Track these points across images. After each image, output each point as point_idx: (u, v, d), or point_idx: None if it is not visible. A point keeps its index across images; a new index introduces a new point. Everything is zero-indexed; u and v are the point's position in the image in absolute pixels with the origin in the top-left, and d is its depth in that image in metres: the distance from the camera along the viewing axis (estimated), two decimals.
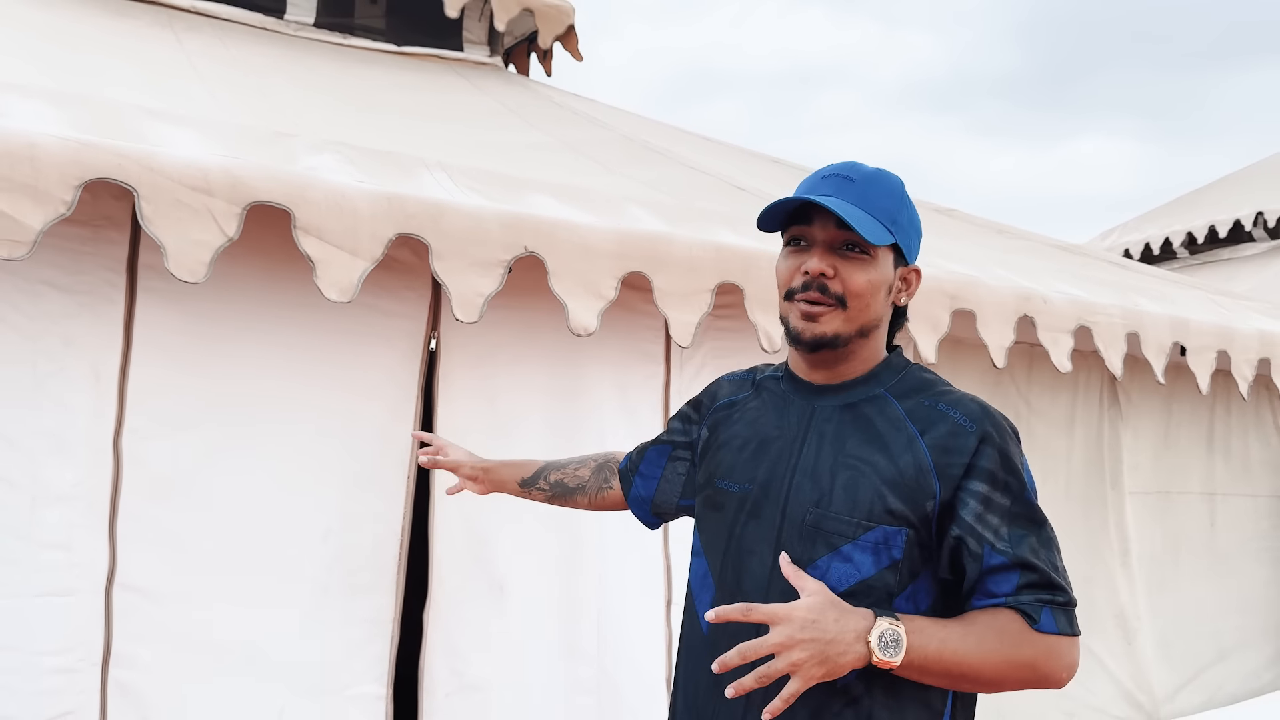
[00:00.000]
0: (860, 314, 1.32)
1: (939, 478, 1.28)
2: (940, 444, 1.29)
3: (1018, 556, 1.25)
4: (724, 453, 1.46)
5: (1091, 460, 3.96)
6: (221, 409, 2.30)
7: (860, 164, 1.36)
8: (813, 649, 1.16)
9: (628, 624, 2.74)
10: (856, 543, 1.28)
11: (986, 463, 1.27)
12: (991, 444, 1.28)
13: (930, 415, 1.31)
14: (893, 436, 1.31)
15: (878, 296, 1.34)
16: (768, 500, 1.36)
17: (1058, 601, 1.25)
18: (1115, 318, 3.52)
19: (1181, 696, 4.14)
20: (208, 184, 1.99)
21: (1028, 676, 1.25)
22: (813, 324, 1.32)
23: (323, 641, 2.39)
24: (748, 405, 1.48)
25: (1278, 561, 4.60)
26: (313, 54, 4.62)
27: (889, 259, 1.35)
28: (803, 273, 1.32)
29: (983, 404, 1.33)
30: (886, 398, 1.35)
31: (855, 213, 1.29)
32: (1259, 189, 9.66)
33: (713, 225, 2.84)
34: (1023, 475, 1.30)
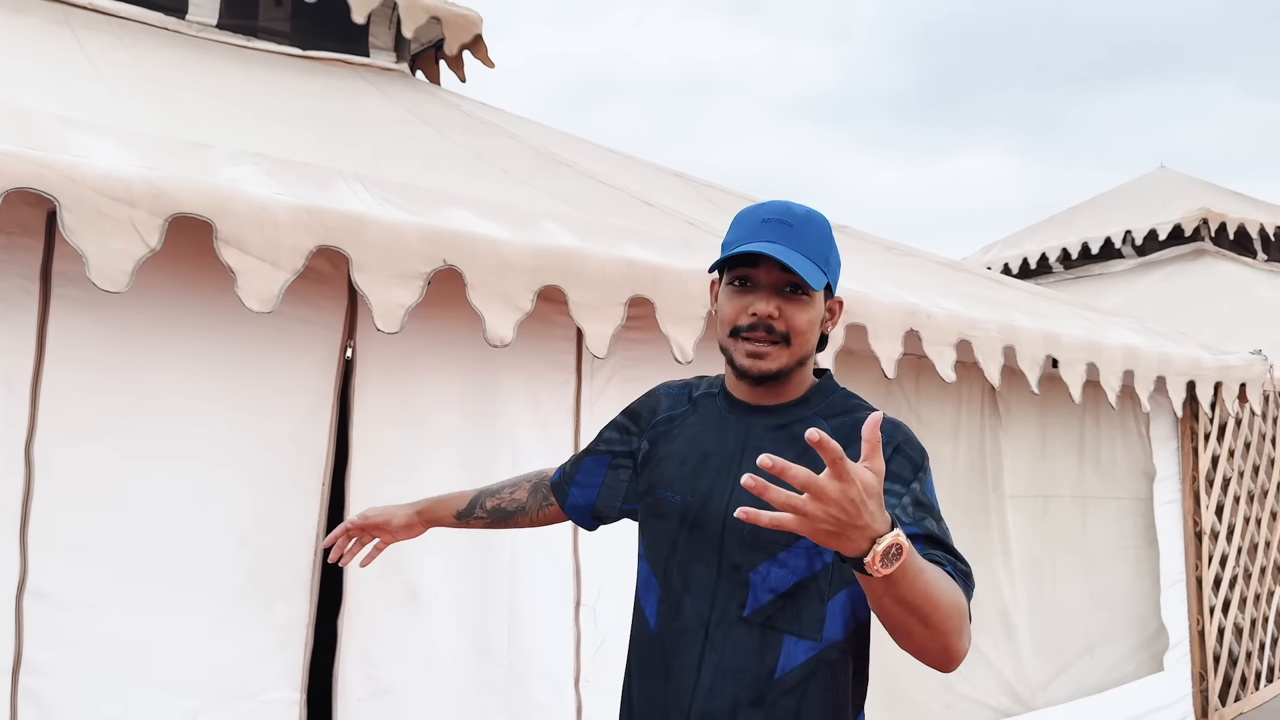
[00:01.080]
0: (801, 348, 1.47)
1: None
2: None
3: (925, 529, 1.39)
4: (665, 465, 1.59)
5: (975, 466, 4.21)
6: (137, 416, 2.31)
7: (792, 206, 1.49)
8: (842, 519, 1.10)
9: (538, 624, 2.83)
10: (791, 549, 1.43)
11: (896, 468, 1.43)
12: (901, 454, 1.45)
13: (852, 433, 1.44)
14: None
15: (814, 331, 1.49)
16: (708, 512, 1.50)
17: (960, 569, 1.36)
18: (993, 332, 3.76)
19: (1054, 686, 4.43)
20: (130, 195, 2.01)
21: (955, 624, 1.27)
22: (760, 361, 1.45)
23: (236, 647, 2.41)
24: (686, 421, 1.61)
25: (1139, 560, 4.95)
26: (216, 56, 4.57)
27: (821, 295, 1.50)
28: (750, 314, 1.45)
29: (897, 422, 1.49)
30: (817, 419, 1.50)
31: (799, 260, 1.42)
32: (1128, 208, 10.28)
33: (623, 241, 2.95)
34: (926, 481, 1.46)
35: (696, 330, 2.85)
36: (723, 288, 1.52)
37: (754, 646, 1.44)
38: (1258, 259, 9.63)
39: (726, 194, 5.08)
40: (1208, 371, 4.84)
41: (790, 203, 1.50)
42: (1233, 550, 5.45)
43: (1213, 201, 9.62)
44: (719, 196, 4.92)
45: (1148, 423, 5.00)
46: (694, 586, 1.49)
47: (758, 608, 1.44)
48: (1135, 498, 4.97)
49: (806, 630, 1.43)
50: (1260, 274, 9.26)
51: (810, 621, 1.43)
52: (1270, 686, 5.75)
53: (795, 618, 1.43)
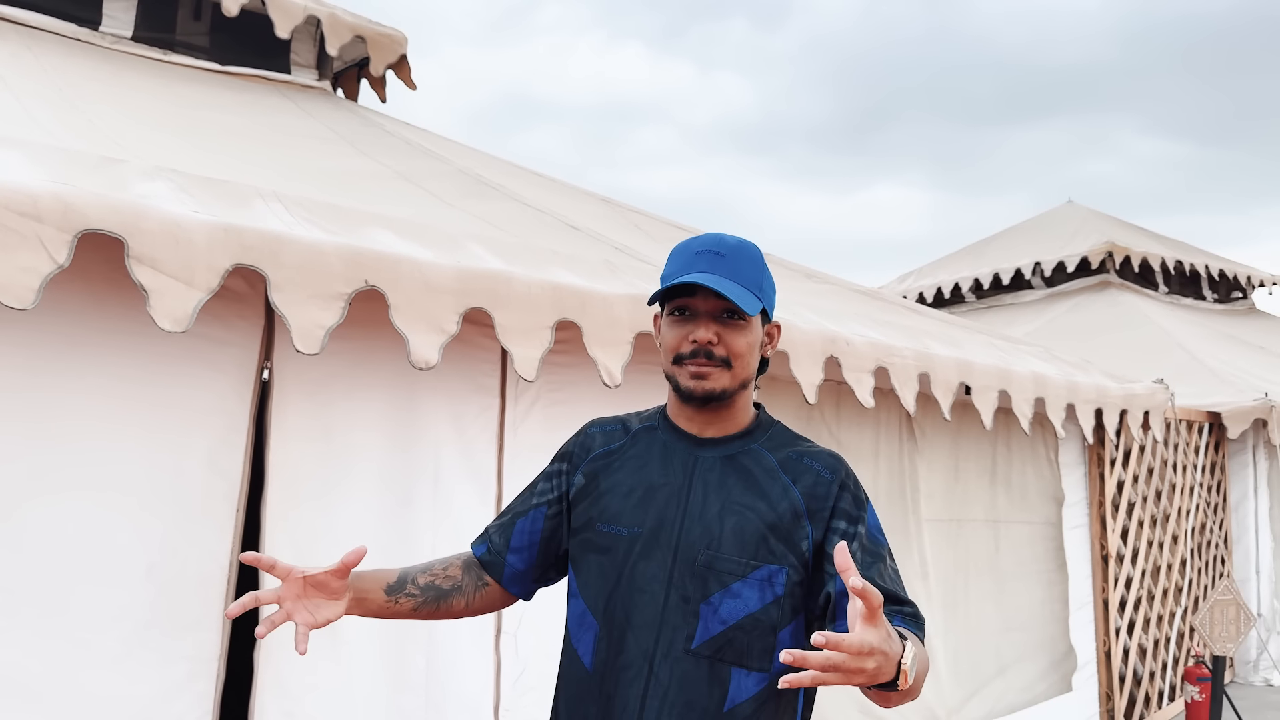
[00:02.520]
0: (742, 371, 1.50)
1: (811, 521, 1.48)
2: (809, 492, 1.50)
3: (870, 579, 1.42)
4: (607, 499, 1.57)
5: (894, 489, 4.28)
6: (39, 439, 2.21)
7: (724, 237, 1.53)
8: (880, 662, 1.14)
9: (460, 655, 2.78)
10: (745, 580, 1.45)
11: (844, 505, 1.49)
12: (847, 490, 1.51)
13: (798, 467, 1.52)
14: (769, 485, 1.51)
15: (754, 354, 1.53)
16: (658, 543, 1.50)
17: (906, 613, 1.41)
18: (909, 359, 3.84)
19: (968, 708, 4.51)
20: (37, 210, 1.94)
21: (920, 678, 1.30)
22: (703, 382, 1.48)
23: (142, 680, 2.32)
24: (626, 454, 1.60)
25: (1050, 583, 5.08)
26: (130, 69, 4.45)
27: (759, 320, 1.53)
28: (690, 341, 1.48)
29: (836, 455, 1.55)
30: (761, 451, 1.54)
31: (733, 288, 1.46)
32: (1038, 241, 10.63)
33: (549, 264, 2.95)
34: (867, 513, 1.51)
35: (624, 355, 2.85)
36: (664, 319, 1.55)
37: (701, 679, 1.44)
38: (1159, 291, 10.04)
39: (652, 219, 5.12)
40: (1114, 399, 5.02)
41: (723, 234, 1.54)
42: (1137, 573, 5.64)
43: (1118, 236, 10.01)
44: (644, 222, 4.95)
45: (1057, 449, 5.15)
46: (637, 620, 1.48)
47: (706, 639, 1.45)
48: (1045, 522, 5.11)
49: (756, 662, 1.45)
50: (1162, 306, 9.65)
51: (760, 653, 1.45)
52: (1171, 705, 5.95)
53: (745, 650, 1.45)
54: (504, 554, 1.66)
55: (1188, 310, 10.01)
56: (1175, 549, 6.16)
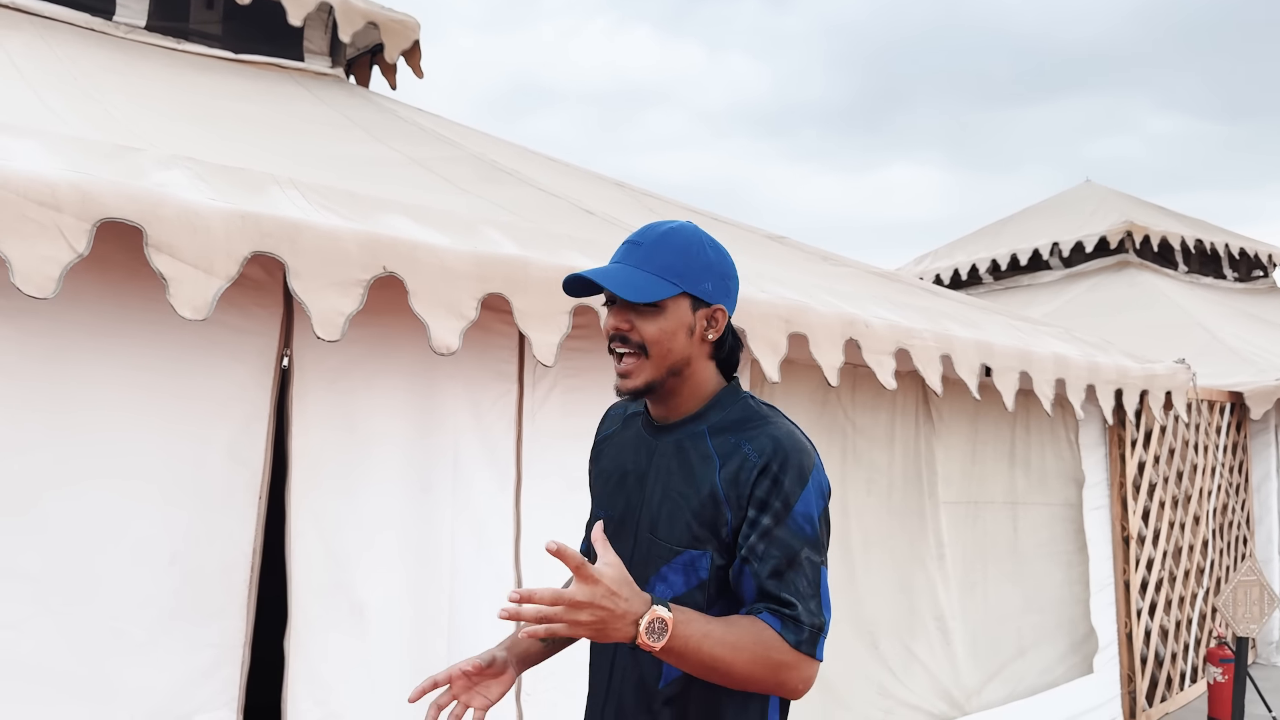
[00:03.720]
0: (663, 358, 1.50)
1: (730, 507, 1.46)
2: (730, 477, 1.47)
3: (759, 575, 1.42)
4: (596, 483, 1.69)
5: (910, 473, 4.26)
6: (61, 429, 2.22)
7: (656, 226, 1.55)
8: (600, 616, 1.28)
9: (480, 639, 2.78)
10: (671, 564, 1.49)
11: (760, 492, 1.44)
12: (768, 475, 1.44)
13: (730, 451, 1.49)
14: (701, 471, 1.50)
15: (675, 340, 1.50)
16: (624, 527, 1.57)
17: (783, 615, 1.39)
18: (929, 341, 3.82)
19: (988, 690, 4.50)
20: (56, 200, 1.94)
21: (770, 680, 1.39)
22: (625, 380, 1.52)
23: (168, 668, 2.33)
24: (615, 439, 1.69)
25: (1070, 564, 5.06)
26: (144, 58, 4.45)
27: (682, 305, 1.51)
28: (608, 329, 1.53)
29: (778, 438, 1.47)
30: (704, 435, 1.53)
31: (630, 278, 1.48)
32: (1055, 221, 10.54)
33: (565, 249, 2.94)
34: (793, 504, 1.43)
35: None
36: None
37: (648, 658, 1.49)
38: (1179, 270, 9.95)
39: (666, 203, 5.09)
40: (1134, 380, 4.98)
41: (660, 223, 1.56)
42: (1158, 554, 5.60)
43: (1137, 215, 9.91)
44: (659, 206, 4.93)
45: (1077, 430, 5.12)
46: None
47: None
48: (1065, 503, 5.08)
49: None
50: (1182, 285, 9.56)
51: None
52: (1194, 687, 5.92)
53: None
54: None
55: (1208, 289, 9.92)
56: (1197, 530, 6.12)
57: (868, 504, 4.06)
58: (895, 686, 4.09)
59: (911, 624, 4.18)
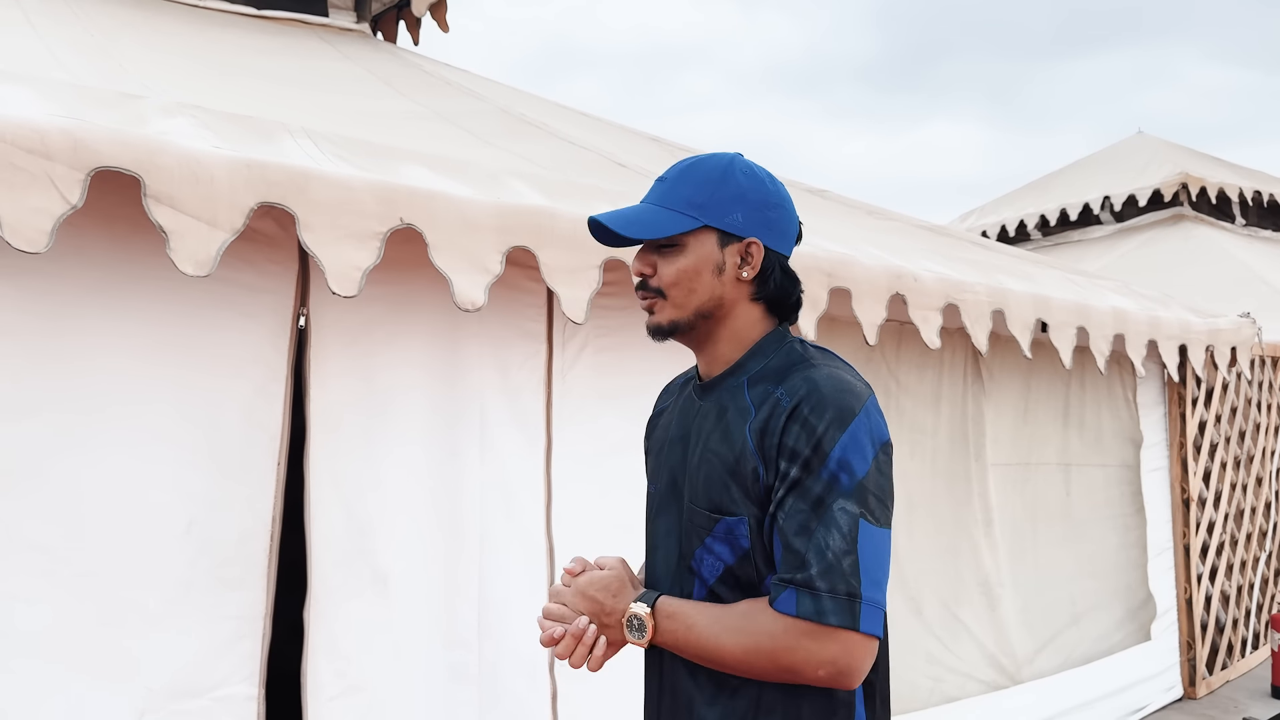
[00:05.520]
0: (685, 299, 1.35)
1: (762, 461, 1.28)
2: (761, 427, 1.29)
3: (785, 533, 1.24)
4: (650, 458, 1.57)
5: (956, 435, 4.08)
6: (68, 392, 2.11)
7: (686, 160, 1.40)
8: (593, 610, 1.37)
9: (510, 609, 2.67)
10: (713, 534, 1.33)
11: (790, 439, 1.25)
12: (797, 419, 1.25)
13: (765, 399, 1.31)
14: (736, 426, 1.33)
15: (699, 280, 1.35)
16: (671, 499, 1.44)
17: (797, 581, 1.21)
18: (981, 295, 3.62)
19: (1040, 659, 4.33)
20: (45, 147, 1.81)
21: (771, 669, 1.23)
22: (651, 315, 1.39)
23: (187, 640, 2.24)
24: (670, 410, 1.53)
25: (1127, 528, 4.86)
26: (164, 15, 4.33)
27: (706, 241, 1.35)
28: (633, 275, 1.41)
29: (814, 378, 1.28)
30: (742, 387, 1.36)
31: (641, 216, 1.35)
32: (1107, 174, 10.17)
33: (595, 201, 2.78)
34: (828, 450, 1.23)
35: None
36: None
37: None
38: (1236, 224, 9.57)
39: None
40: (1198, 335, 4.74)
41: (693, 157, 1.41)
42: (1219, 517, 5.38)
43: (1192, 166, 9.53)
44: None
45: (1135, 388, 4.89)
46: (659, 575, 1.45)
47: (702, 597, 1.36)
48: (1122, 465, 4.87)
49: None
50: (1239, 239, 9.20)
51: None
52: (1256, 654, 5.71)
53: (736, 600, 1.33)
54: None
55: (1268, 243, 9.53)
56: (1260, 492, 5.87)
57: (911, 467, 3.89)
58: (943, 654, 3.94)
59: (957, 591, 4.02)
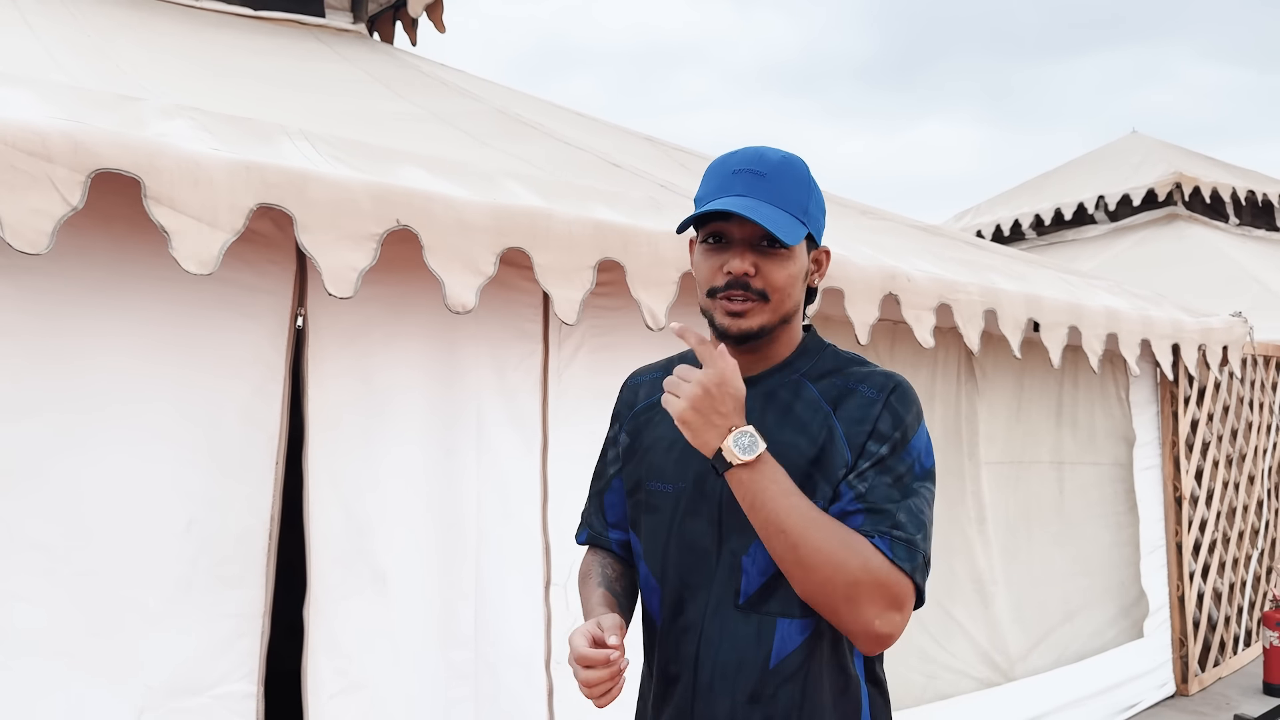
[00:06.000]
0: (782, 305, 1.36)
1: (849, 446, 1.33)
2: (850, 415, 1.35)
3: (870, 499, 1.28)
4: (651, 455, 1.49)
5: (950, 433, 4.11)
6: (68, 392, 2.13)
7: (767, 152, 1.36)
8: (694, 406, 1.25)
9: (507, 607, 2.70)
10: None
11: (882, 425, 1.33)
12: (889, 408, 1.34)
13: (842, 392, 1.37)
14: (810, 417, 1.36)
15: (797, 286, 1.37)
16: (703, 496, 1.40)
17: (897, 536, 1.26)
18: (974, 295, 3.65)
19: (1034, 656, 4.36)
20: (46, 149, 1.83)
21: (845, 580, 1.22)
22: (740, 320, 1.34)
23: (186, 638, 2.25)
24: (656, 406, 1.51)
25: (1119, 526, 4.89)
26: (160, 15, 4.35)
27: (803, 247, 1.38)
28: (725, 272, 1.34)
29: (891, 374, 1.38)
30: (803, 382, 1.40)
31: (773, 213, 1.30)
32: (1101, 173, 10.21)
33: (590, 201, 2.80)
34: (910, 438, 1.33)
35: (669, 295, 2.70)
36: (697, 246, 1.41)
37: (749, 636, 1.36)
38: (1229, 223, 9.61)
39: (698, 158, 4.93)
40: (1190, 334, 4.77)
41: (765, 149, 1.37)
42: (1212, 515, 5.41)
43: (1185, 166, 9.57)
44: (690, 160, 4.77)
45: (1128, 387, 4.92)
46: (691, 580, 1.41)
47: (750, 593, 1.35)
48: (1114, 463, 4.90)
49: (800, 609, 1.33)
50: (1232, 238, 9.24)
51: (800, 600, 1.32)
52: (1248, 651, 5.74)
53: (787, 598, 1.34)
54: (605, 533, 1.62)
55: (1260, 242, 9.57)
56: (1252, 490, 5.91)
57: None
58: (937, 651, 3.96)
59: (951, 588, 4.05)
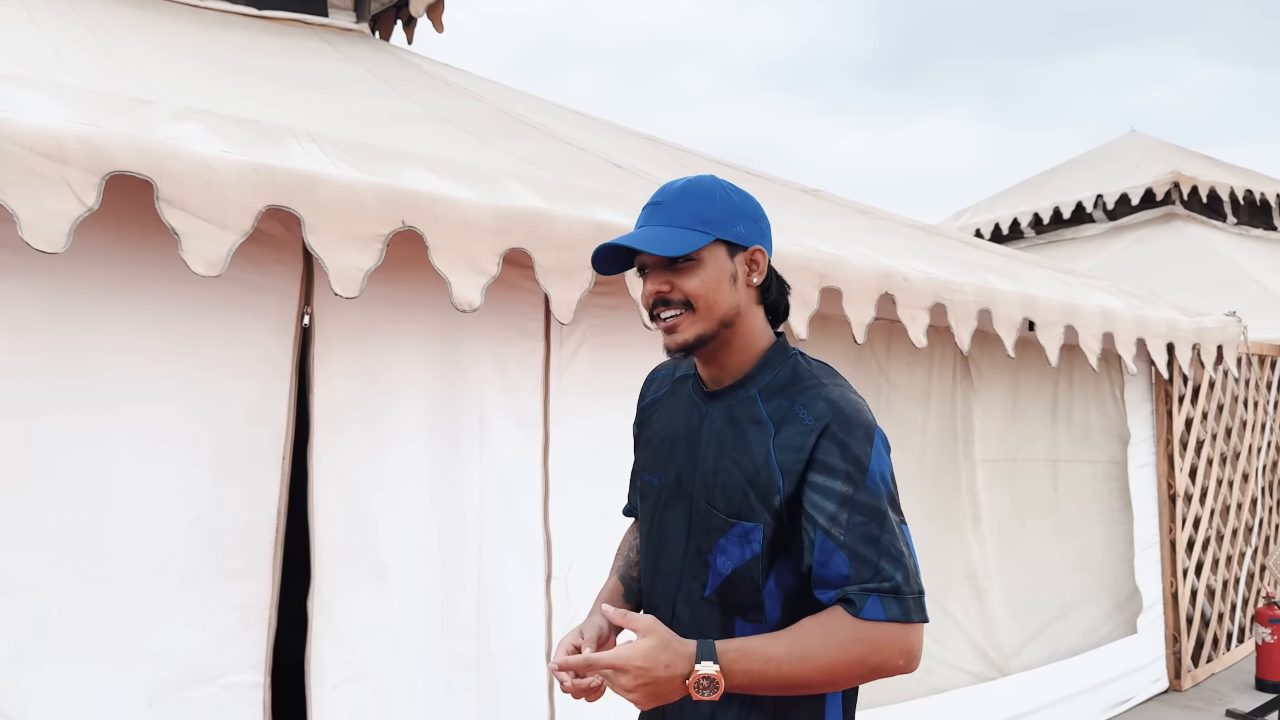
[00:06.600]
0: (711, 310, 1.44)
1: (783, 474, 1.39)
2: (786, 443, 1.40)
3: (849, 546, 1.34)
4: (647, 449, 1.64)
5: (945, 431, 4.15)
6: (79, 388, 2.18)
7: (672, 183, 1.49)
8: (645, 692, 1.30)
9: (508, 599, 2.75)
10: (727, 536, 1.44)
11: (824, 455, 1.37)
12: (831, 438, 1.37)
13: (785, 415, 1.43)
14: (755, 437, 1.44)
15: (720, 290, 1.44)
16: (679, 495, 1.53)
17: (884, 589, 1.32)
18: (969, 295, 3.69)
19: (1028, 651, 4.41)
20: (62, 152, 1.88)
21: (859, 671, 1.33)
22: (674, 335, 1.45)
23: (194, 630, 2.31)
24: (665, 403, 1.64)
25: (1114, 523, 4.94)
26: (166, 15, 4.39)
27: (719, 254, 1.44)
28: (647, 297, 1.47)
29: (835, 401, 1.40)
30: (756, 399, 1.47)
31: (656, 234, 1.41)
32: (1099, 172, 10.25)
33: (591, 203, 2.85)
34: (866, 465, 1.36)
35: None
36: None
37: (714, 626, 1.47)
38: (1227, 222, 9.65)
39: (699, 158, 4.98)
40: (1184, 333, 4.82)
41: (677, 180, 1.50)
42: (1206, 512, 5.46)
43: (1184, 165, 9.61)
44: (691, 160, 4.81)
45: (1122, 386, 4.97)
46: (663, 567, 1.55)
47: (715, 588, 1.47)
48: (1109, 461, 4.95)
49: (751, 613, 1.45)
50: (1230, 237, 9.28)
51: (752, 606, 1.44)
52: (1241, 647, 5.80)
53: (740, 601, 1.45)
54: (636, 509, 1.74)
55: (1258, 241, 9.61)
56: (1245, 487, 5.96)
57: (900, 462, 3.96)
58: (932, 646, 4.01)
59: (946, 584, 4.10)
